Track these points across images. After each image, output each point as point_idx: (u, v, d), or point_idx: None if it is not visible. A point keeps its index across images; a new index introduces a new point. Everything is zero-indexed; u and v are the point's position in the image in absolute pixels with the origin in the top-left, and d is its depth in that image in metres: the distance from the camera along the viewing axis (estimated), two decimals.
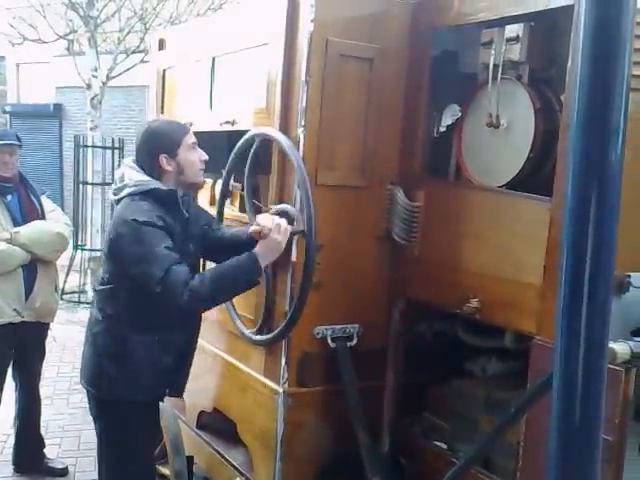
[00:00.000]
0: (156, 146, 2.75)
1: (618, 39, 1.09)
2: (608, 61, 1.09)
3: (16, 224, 4.00)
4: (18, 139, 4.11)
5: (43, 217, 4.13)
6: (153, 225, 2.60)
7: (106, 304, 2.81)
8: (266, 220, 2.65)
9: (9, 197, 4.04)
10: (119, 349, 2.77)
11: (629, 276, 2.21)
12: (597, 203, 1.12)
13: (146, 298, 2.67)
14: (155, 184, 2.73)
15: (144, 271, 2.56)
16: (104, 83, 9.74)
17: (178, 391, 3.01)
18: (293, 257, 2.85)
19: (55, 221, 4.17)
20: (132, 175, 2.76)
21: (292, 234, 2.69)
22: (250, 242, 2.67)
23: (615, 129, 1.10)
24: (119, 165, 2.95)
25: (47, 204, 4.23)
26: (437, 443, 3.03)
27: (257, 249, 2.60)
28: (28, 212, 4.10)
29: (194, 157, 2.78)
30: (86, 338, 2.92)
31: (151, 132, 2.80)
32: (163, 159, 2.73)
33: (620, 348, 1.66)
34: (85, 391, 3.00)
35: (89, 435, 4.93)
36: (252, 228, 2.68)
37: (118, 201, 2.79)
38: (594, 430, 1.16)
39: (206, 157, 2.82)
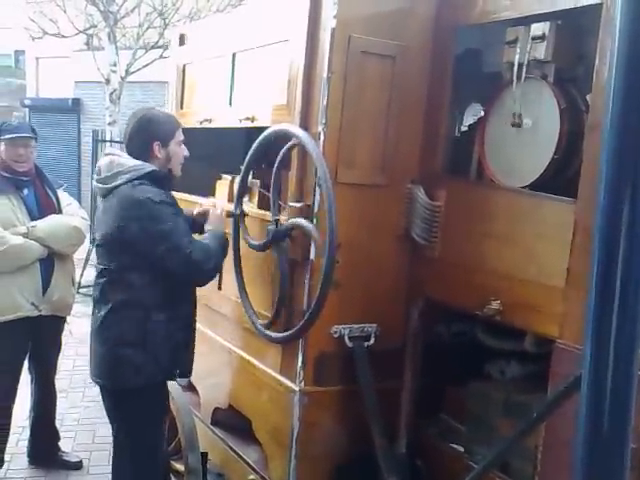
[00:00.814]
0: (152, 132, 2.94)
1: None
2: None
3: (33, 218, 4.01)
4: (33, 132, 4.10)
5: (60, 211, 4.13)
6: (167, 204, 2.83)
7: (118, 293, 2.83)
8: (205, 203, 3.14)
9: (25, 191, 4.04)
10: (139, 333, 2.84)
11: None
12: (630, 205, 1.08)
13: (159, 275, 2.82)
14: (151, 166, 2.88)
15: (173, 244, 2.75)
16: (123, 78, 9.78)
17: (189, 370, 3.11)
18: (312, 256, 2.83)
19: (71, 215, 4.18)
20: (124, 162, 2.85)
21: (228, 215, 3.11)
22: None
23: None
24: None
25: (64, 198, 4.23)
26: (454, 446, 3.00)
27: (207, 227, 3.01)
28: (45, 206, 4.11)
29: (180, 151, 3.02)
30: (96, 333, 2.92)
31: (149, 119, 2.97)
32: (156, 146, 2.93)
33: None
34: (99, 387, 3.00)
35: (104, 429, 4.94)
36: (196, 212, 3.15)
37: (111, 190, 2.82)
38: (623, 438, 1.13)
39: (188, 154, 3.07)
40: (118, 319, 2.85)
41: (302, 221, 2.82)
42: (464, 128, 3.37)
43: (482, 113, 3.10)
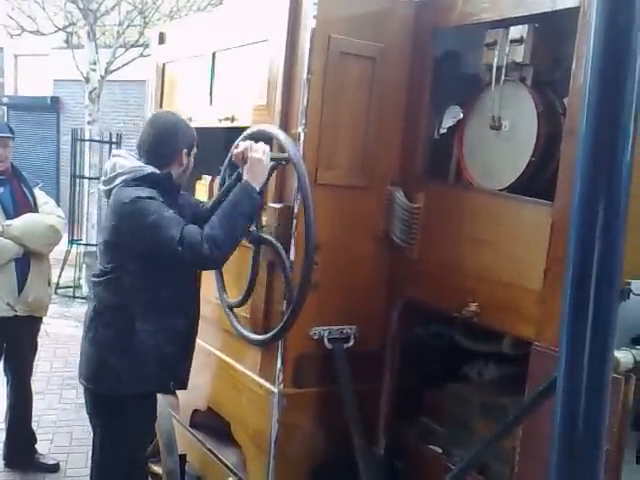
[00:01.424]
0: (184, 138, 2.87)
1: (629, 42, 1.07)
2: (618, 64, 1.07)
3: (8, 216, 3.97)
4: (11, 131, 4.07)
5: (36, 209, 4.09)
6: (156, 199, 2.69)
7: (108, 295, 2.79)
8: (244, 143, 2.75)
9: (1, 189, 4.01)
10: (124, 341, 2.77)
11: (629, 283, 2.19)
12: (605, 208, 1.09)
13: (152, 281, 2.74)
14: (151, 169, 2.78)
15: (162, 236, 2.60)
16: (102, 77, 9.70)
17: (183, 383, 3.02)
18: (291, 256, 2.82)
19: (48, 213, 4.14)
20: (125, 163, 2.80)
21: (272, 159, 2.74)
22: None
23: (624, 133, 1.08)
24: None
25: (40, 196, 4.19)
26: (432, 447, 3.01)
27: (244, 175, 2.69)
28: (20, 204, 4.07)
29: (192, 161, 2.96)
30: (86, 335, 2.88)
31: (178, 123, 2.90)
32: (184, 153, 2.86)
33: (623, 357, 1.63)
34: (83, 388, 2.96)
35: (81, 431, 4.91)
36: (235, 152, 2.76)
37: (110, 191, 2.79)
38: (597, 439, 1.14)
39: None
40: (105, 322, 2.80)
41: (272, 239, 2.81)
42: (443, 130, 3.38)
43: (461, 115, 3.11)
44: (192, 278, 2.98)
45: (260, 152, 2.69)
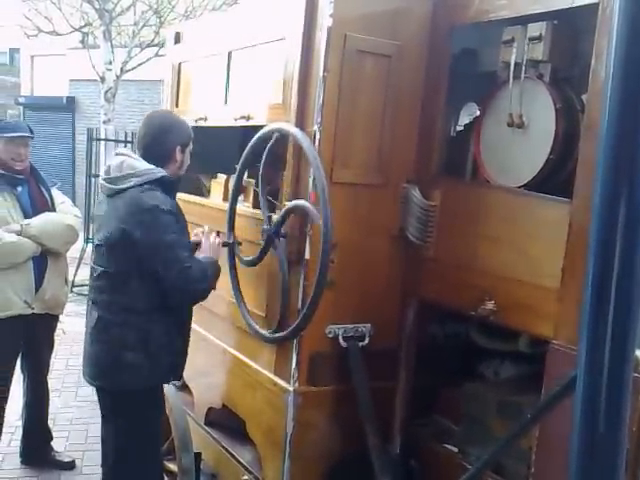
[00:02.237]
0: (177, 136, 2.93)
1: None
2: None
3: (26, 216, 3.99)
4: (31, 131, 4.10)
5: (53, 209, 4.12)
6: (174, 214, 2.80)
7: (117, 296, 2.80)
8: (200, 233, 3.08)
9: (19, 189, 4.03)
10: (141, 338, 2.82)
11: None
12: (626, 205, 1.08)
13: (158, 281, 2.79)
14: (162, 172, 2.85)
15: (174, 256, 2.73)
16: (118, 76, 9.76)
17: (181, 375, 3.12)
18: (306, 255, 2.82)
19: (65, 213, 4.16)
20: (136, 164, 2.83)
21: (224, 245, 3.08)
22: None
23: None
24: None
25: (57, 196, 4.22)
26: (448, 446, 2.99)
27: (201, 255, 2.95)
28: (38, 204, 4.09)
29: (188, 159, 3.03)
30: (95, 335, 2.89)
31: (172, 121, 2.97)
32: (178, 150, 2.90)
33: None
34: (95, 388, 2.98)
35: (97, 429, 4.89)
36: (192, 239, 3.04)
37: (119, 191, 2.79)
38: (618, 438, 1.12)
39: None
40: (118, 322, 2.83)
41: (300, 202, 2.80)
42: (460, 128, 3.37)
43: (478, 113, 3.10)
44: None
45: (211, 238, 3.02)
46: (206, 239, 3.01)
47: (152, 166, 2.84)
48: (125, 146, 9.28)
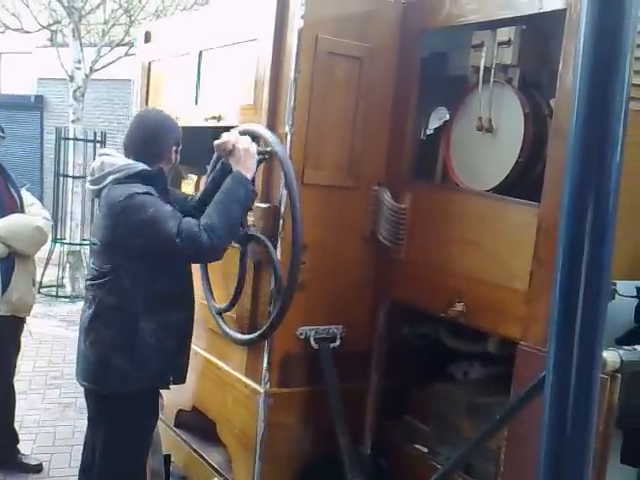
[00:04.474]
0: (173, 136, 2.84)
1: (619, 46, 1.07)
2: (608, 67, 1.08)
3: None
4: (1, 130, 4.04)
5: (22, 210, 4.06)
6: (152, 194, 2.67)
7: (108, 297, 2.75)
8: (228, 134, 2.75)
9: None
10: (128, 340, 2.75)
11: (615, 284, 2.20)
12: (594, 207, 1.10)
13: (151, 279, 2.72)
14: (142, 166, 2.75)
15: (160, 231, 2.58)
16: (87, 75, 9.63)
17: (182, 377, 2.99)
18: (278, 256, 2.82)
19: (34, 215, 4.10)
20: (114, 161, 2.76)
21: (258, 153, 2.73)
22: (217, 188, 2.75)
23: (614, 135, 1.09)
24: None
25: (27, 197, 4.16)
26: (418, 446, 3.02)
27: (233, 167, 2.68)
28: (7, 205, 4.03)
29: (178, 158, 2.91)
30: (85, 337, 2.84)
31: (169, 121, 2.87)
32: (173, 150, 2.83)
33: (610, 356, 1.65)
34: (84, 390, 2.92)
35: (64, 431, 4.88)
36: (217, 142, 2.74)
37: (100, 190, 2.76)
38: (586, 439, 1.14)
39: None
40: (108, 323, 2.77)
41: (260, 236, 2.82)
42: (430, 131, 3.39)
43: (447, 116, 3.13)
44: (188, 271, 2.95)
45: (247, 144, 2.69)
46: (236, 139, 2.70)
47: (131, 161, 2.76)
48: (95, 146, 9.19)
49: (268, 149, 2.75)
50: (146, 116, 2.94)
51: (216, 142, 2.77)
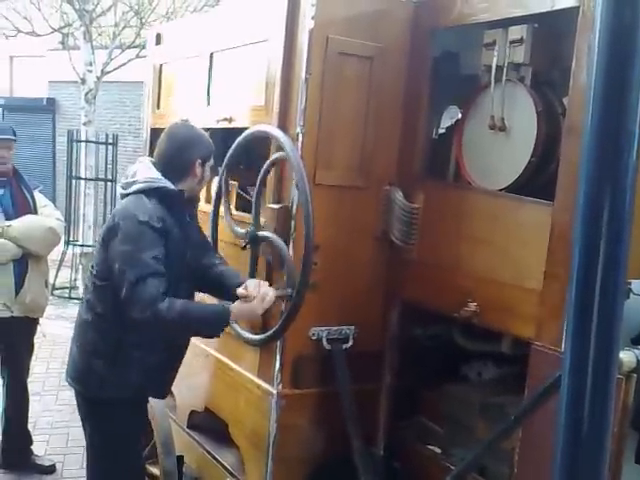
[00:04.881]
0: (198, 149, 2.79)
1: (635, 43, 1.06)
2: (624, 65, 1.07)
3: (8, 218, 3.97)
4: (14, 133, 4.08)
5: (35, 212, 4.10)
6: (151, 227, 2.60)
7: (97, 302, 2.78)
8: (254, 288, 2.63)
9: (1, 191, 4.01)
10: (110, 349, 2.76)
11: (630, 283, 2.18)
12: (610, 206, 1.09)
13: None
14: (164, 182, 2.73)
15: (123, 270, 2.56)
16: (99, 78, 9.68)
17: (161, 394, 3.00)
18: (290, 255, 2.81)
19: (47, 216, 4.14)
20: (144, 172, 2.75)
21: (277, 297, 2.68)
22: (232, 292, 2.69)
23: (630, 133, 1.08)
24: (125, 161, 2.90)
25: (40, 199, 4.20)
26: (431, 447, 3.00)
27: (234, 307, 2.62)
28: (20, 206, 4.07)
29: (209, 174, 2.88)
30: (76, 336, 2.88)
31: (196, 134, 2.84)
32: (198, 164, 2.77)
33: (627, 357, 1.63)
34: (73, 389, 2.96)
35: (77, 432, 4.87)
36: (239, 291, 2.64)
37: (125, 195, 2.77)
38: (603, 439, 1.13)
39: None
40: (94, 328, 2.78)
41: (274, 237, 2.80)
42: (442, 130, 3.38)
43: (459, 115, 3.11)
44: (179, 288, 2.77)
45: (265, 304, 2.61)
46: (259, 298, 2.61)
47: (157, 175, 2.74)
48: (106, 148, 9.24)
49: (287, 292, 2.70)
50: (172, 130, 2.88)
51: (240, 291, 2.64)
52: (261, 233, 2.88)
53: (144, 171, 2.77)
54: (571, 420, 1.12)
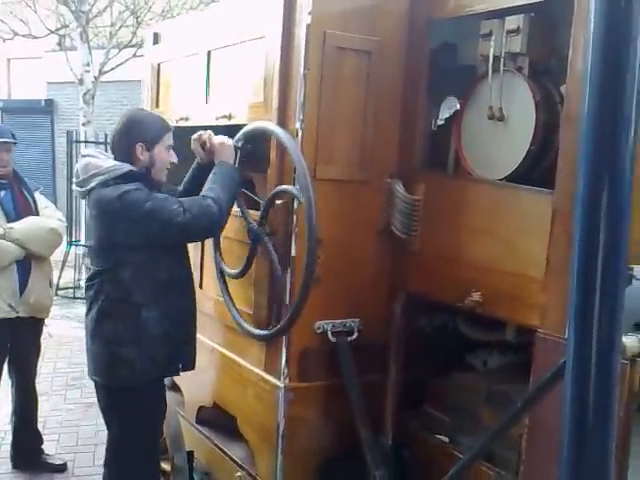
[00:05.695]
0: (135, 134, 2.85)
1: (630, 30, 1.08)
2: (619, 52, 1.08)
3: (10, 220, 3.99)
4: (13, 136, 4.10)
5: (37, 213, 4.12)
6: (141, 190, 2.74)
7: (109, 291, 2.81)
8: (202, 132, 2.97)
9: (2, 193, 4.03)
10: (133, 332, 2.81)
11: (632, 269, 2.20)
12: (609, 195, 1.10)
13: (151, 268, 2.79)
14: (128, 166, 2.80)
15: (165, 217, 2.68)
16: (96, 78, 9.69)
17: (191, 364, 3.06)
18: (293, 252, 2.84)
19: (48, 217, 4.16)
20: (99, 163, 2.80)
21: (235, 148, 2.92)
22: (203, 171, 2.96)
23: (626, 120, 1.09)
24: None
25: (41, 200, 4.22)
26: (439, 436, 3.02)
27: (215, 161, 2.89)
28: (22, 208, 4.09)
29: (167, 157, 2.92)
30: (91, 332, 2.89)
31: (134, 119, 2.91)
32: (138, 147, 2.84)
33: (629, 342, 1.65)
34: (94, 384, 2.98)
35: (87, 430, 4.94)
36: (192, 137, 2.95)
37: (88, 192, 2.79)
38: (607, 425, 1.15)
39: (176, 160, 2.95)
40: (112, 317, 2.82)
41: (286, 186, 2.81)
42: (441, 122, 3.39)
43: (458, 106, 3.12)
44: (185, 256, 3.03)
45: (221, 138, 2.89)
46: (215, 139, 2.92)
47: (116, 162, 2.81)
48: (105, 147, 9.23)
49: (239, 143, 2.92)
50: (120, 116, 2.98)
51: (192, 137, 2.93)
52: (254, 229, 2.91)
53: (100, 163, 2.81)
54: (575, 405, 1.14)
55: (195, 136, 2.95)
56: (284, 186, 2.80)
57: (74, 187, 2.93)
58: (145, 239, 2.74)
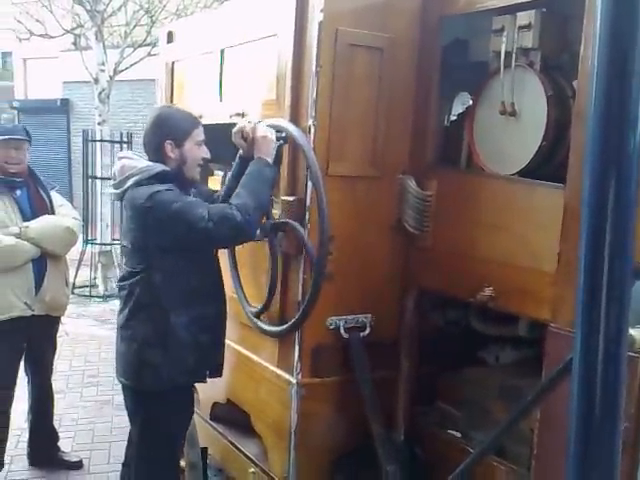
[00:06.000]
0: (165, 131, 2.83)
1: (636, 29, 1.08)
2: (626, 47, 1.08)
3: (25, 219, 4.01)
4: (27, 134, 4.11)
5: (52, 212, 4.14)
6: (172, 190, 2.72)
7: (141, 294, 2.79)
8: (244, 122, 2.87)
9: (18, 192, 4.05)
10: (161, 337, 2.78)
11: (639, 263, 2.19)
12: (615, 192, 1.10)
13: (181, 274, 2.76)
14: (161, 167, 2.79)
15: (190, 219, 2.63)
16: (111, 77, 9.74)
17: (218, 371, 3.04)
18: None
19: (64, 215, 4.18)
20: (134, 164, 2.80)
21: (277, 139, 2.81)
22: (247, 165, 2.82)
23: (633, 117, 1.09)
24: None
25: (56, 199, 4.24)
26: (451, 432, 3.03)
27: (255, 155, 2.78)
28: (37, 207, 4.11)
29: (198, 153, 2.87)
30: (122, 334, 2.88)
31: (163, 116, 2.89)
32: (168, 145, 2.81)
33: (638, 334, 1.65)
34: (121, 386, 2.98)
35: (103, 428, 4.98)
36: (233, 130, 2.85)
37: (123, 194, 2.80)
38: (614, 418, 1.15)
39: (208, 156, 2.92)
40: (141, 320, 2.80)
41: (294, 224, 2.84)
42: (453, 117, 3.39)
43: (470, 102, 3.13)
44: (216, 263, 2.99)
45: (264, 131, 2.78)
46: (257, 131, 2.79)
47: (150, 163, 2.81)
48: (121, 146, 9.29)
49: (284, 134, 2.82)
50: (150, 113, 2.96)
51: (233, 130, 2.84)
52: (280, 220, 2.91)
53: (131, 164, 2.82)
54: (583, 399, 1.14)
55: (236, 129, 2.85)
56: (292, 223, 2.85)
57: (111, 189, 2.93)
58: (174, 241, 2.71)
